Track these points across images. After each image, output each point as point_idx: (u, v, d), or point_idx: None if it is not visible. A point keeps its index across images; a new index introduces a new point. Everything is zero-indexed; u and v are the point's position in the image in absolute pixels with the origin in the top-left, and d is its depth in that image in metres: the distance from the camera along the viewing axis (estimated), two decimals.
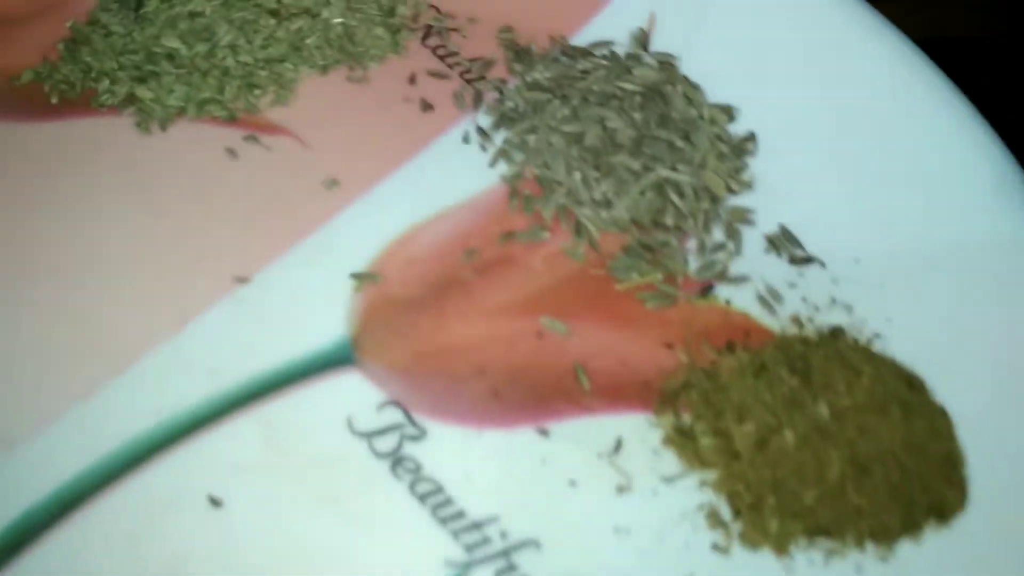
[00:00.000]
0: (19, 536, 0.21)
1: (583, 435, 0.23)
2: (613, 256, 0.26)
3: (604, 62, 0.28)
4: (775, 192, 0.27)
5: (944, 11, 0.28)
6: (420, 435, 0.23)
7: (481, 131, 0.27)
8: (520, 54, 0.28)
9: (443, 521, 0.22)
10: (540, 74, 0.28)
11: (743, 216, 0.26)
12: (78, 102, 0.27)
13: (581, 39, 0.29)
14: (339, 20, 0.28)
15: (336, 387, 0.23)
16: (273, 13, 0.28)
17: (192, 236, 0.25)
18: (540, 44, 0.29)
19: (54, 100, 0.27)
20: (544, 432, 0.23)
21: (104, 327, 0.24)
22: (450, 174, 0.27)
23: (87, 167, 0.26)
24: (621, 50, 0.28)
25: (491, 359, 0.24)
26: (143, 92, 0.26)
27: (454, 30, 0.29)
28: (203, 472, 0.22)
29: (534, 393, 0.24)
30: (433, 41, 0.29)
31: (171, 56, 0.27)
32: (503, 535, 0.22)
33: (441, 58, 0.28)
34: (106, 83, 0.27)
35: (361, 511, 0.22)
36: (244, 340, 0.24)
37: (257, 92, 0.27)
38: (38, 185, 0.25)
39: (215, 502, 0.22)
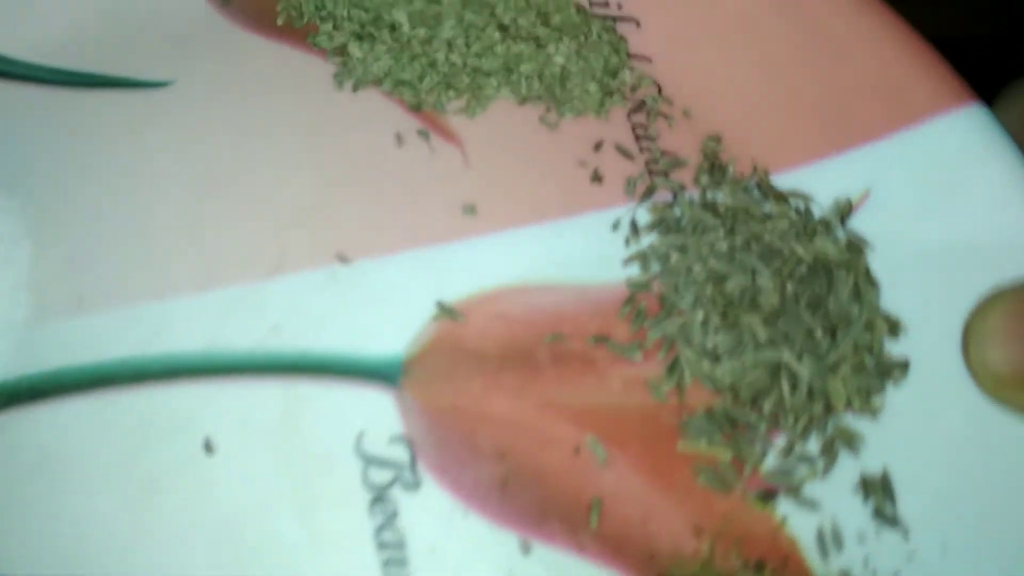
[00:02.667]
0: (35, 388, 0.23)
1: (561, 572, 0.22)
2: (693, 412, 0.24)
3: (792, 215, 0.26)
4: (900, 433, 0.24)
5: (944, 11, 0.27)
6: (413, 485, 0.22)
7: (634, 226, 0.26)
8: (714, 168, 0.27)
9: None
10: (722, 197, 0.26)
11: (851, 441, 0.23)
12: (297, 32, 0.28)
13: (784, 181, 0.26)
14: (561, 60, 0.27)
15: (366, 399, 0.23)
16: (503, 28, 0.27)
17: (322, 197, 0.25)
18: (740, 167, 0.27)
19: (278, 21, 0.28)
20: (526, 547, 0.22)
21: (205, 244, 0.25)
22: (582, 252, 0.26)
23: (273, 95, 0.27)
24: (818, 211, 0.26)
25: (518, 449, 0.23)
26: (355, 49, 0.27)
27: (664, 116, 0.28)
28: (214, 415, 0.23)
29: (539, 504, 0.22)
30: (638, 119, 0.27)
31: (393, 28, 0.27)
32: None
33: (637, 138, 0.27)
34: (329, 26, 0.28)
35: (321, 525, 0.22)
36: (315, 314, 0.24)
37: (451, 94, 0.27)
38: (223, 90, 0.27)
39: (209, 448, 0.22)
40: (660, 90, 0.28)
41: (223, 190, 0.25)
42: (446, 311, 0.24)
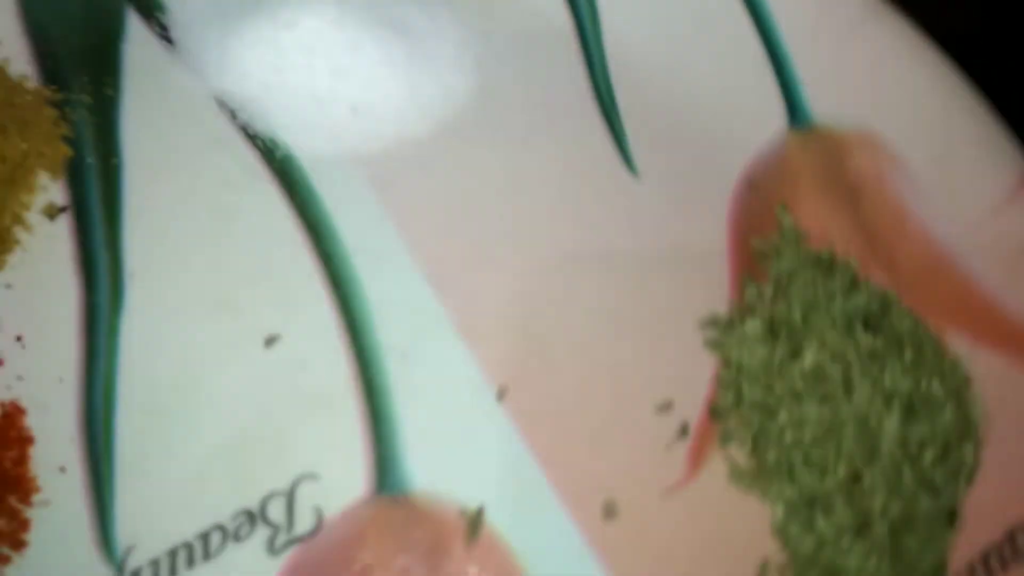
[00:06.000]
0: None
1: None
2: None
3: None
4: None
5: (944, 11, 0.27)
6: None
7: None
8: None
9: None
10: None
11: None
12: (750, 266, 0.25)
13: None
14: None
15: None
16: (865, 523, 0.22)
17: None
18: None
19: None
20: None
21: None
22: None
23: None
24: None
25: None
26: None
27: None
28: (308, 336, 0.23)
29: None
30: None
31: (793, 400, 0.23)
32: None
33: None
34: (754, 290, 0.24)
35: None
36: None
37: (745, 450, 0.23)
38: None
39: (269, 341, 0.23)
40: None
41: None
42: (473, 521, 0.22)
